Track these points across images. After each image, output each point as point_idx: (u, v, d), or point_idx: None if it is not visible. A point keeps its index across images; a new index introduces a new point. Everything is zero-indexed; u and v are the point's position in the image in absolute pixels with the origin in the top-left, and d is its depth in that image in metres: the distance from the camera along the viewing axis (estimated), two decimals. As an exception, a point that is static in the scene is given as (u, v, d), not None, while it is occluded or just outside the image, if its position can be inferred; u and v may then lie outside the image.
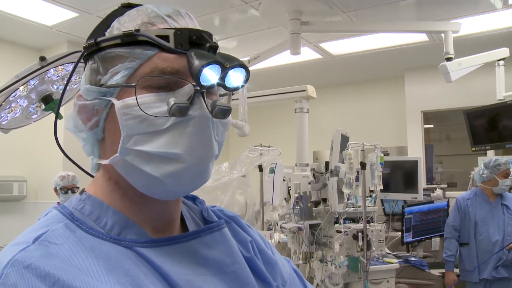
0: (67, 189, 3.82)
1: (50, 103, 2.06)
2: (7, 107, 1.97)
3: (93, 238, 0.66)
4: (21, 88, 1.91)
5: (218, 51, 0.72)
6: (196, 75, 0.66)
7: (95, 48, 0.72)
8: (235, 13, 4.64)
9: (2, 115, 2.01)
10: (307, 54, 5.90)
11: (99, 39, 0.72)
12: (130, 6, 0.77)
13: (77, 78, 2.18)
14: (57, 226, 0.66)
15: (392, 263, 3.81)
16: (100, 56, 0.72)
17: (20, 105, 2.04)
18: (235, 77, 0.71)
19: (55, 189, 3.85)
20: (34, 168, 5.65)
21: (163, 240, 0.72)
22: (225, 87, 0.71)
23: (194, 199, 0.90)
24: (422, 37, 5.44)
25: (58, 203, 3.92)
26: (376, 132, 7.00)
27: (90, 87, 0.72)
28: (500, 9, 4.44)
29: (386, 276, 3.65)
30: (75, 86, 2.23)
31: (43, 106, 2.08)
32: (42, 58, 1.88)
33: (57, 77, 2.04)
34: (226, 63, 0.68)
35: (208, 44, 0.70)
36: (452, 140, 8.46)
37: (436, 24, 3.98)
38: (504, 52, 3.85)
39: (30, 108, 2.11)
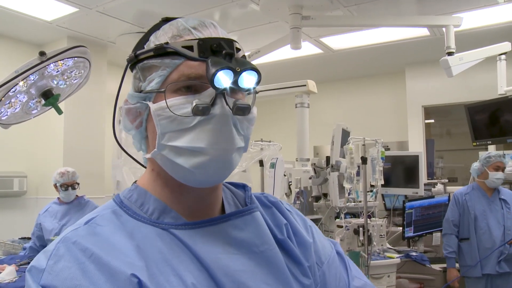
0: (67, 185, 3.80)
1: (50, 98, 2.05)
2: (7, 102, 1.96)
3: (136, 222, 0.79)
4: (21, 83, 1.90)
5: (236, 56, 0.81)
6: (210, 80, 0.75)
7: (136, 60, 0.85)
8: (236, 8, 4.62)
9: (2, 111, 2.00)
10: (307, 48, 5.88)
11: (138, 52, 0.84)
12: (167, 20, 0.88)
13: (77, 73, 2.18)
14: (105, 212, 0.80)
15: (393, 258, 3.81)
16: (139, 67, 0.85)
17: (20, 100, 2.04)
18: (247, 80, 0.79)
19: (55, 186, 3.84)
20: (34, 164, 5.65)
21: (196, 223, 0.82)
22: (239, 88, 0.80)
23: (243, 187, 0.99)
24: (423, 32, 5.42)
25: (58, 198, 3.92)
26: (377, 127, 6.99)
27: (133, 93, 0.85)
28: (502, 3, 4.42)
29: (387, 271, 3.66)
30: (75, 81, 2.22)
31: (43, 101, 2.07)
32: (42, 53, 1.87)
33: (57, 72, 2.04)
34: (238, 68, 0.77)
35: (224, 51, 0.79)
36: (453, 135, 8.45)
37: (437, 18, 3.96)
38: (505, 46, 3.83)
39: (30, 103, 2.10)
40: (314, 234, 0.98)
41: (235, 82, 0.78)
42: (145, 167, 0.93)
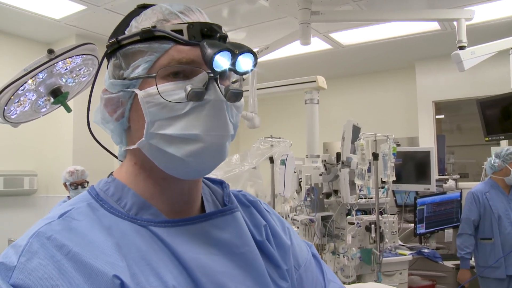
0: (77, 184, 3.82)
1: (59, 96, 2.04)
2: (16, 100, 1.96)
3: (113, 217, 0.75)
4: (30, 81, 1.90)
5: (227, 41, 0.79)
6: (209, 62, 0.73)
7: (117, 46, 0.80)
8: (244, 4, 4.59)
9: (11, 109, 1.99)
10: (317, 44, 5.84)
11: (120, 37, 0.80)
12: (145, 7, 0.84)
13: (85, 71, 2.17)
14: (81, 205, 0.76)
15: (405, 255, 3.78)
16: (122, 53, 0.80)
17: (29, 99, 2.03)
18: (244, 62, 0.78)
19: (65, 184, 3.85)
20: (44, 163, 5.67)
21: (176, 221, 0.79)
22: (236, 72, 0.78)
23: (221, 183, 0.95)
24: (434, 26, 5.36)
25: (68, 197, 3.93)
26: (387, 122, 6.94)
27: (114, 81, 0.80)
28: (514, -5, 4.36)
29: (399, 268, 3.63)
30: (84, 79, 2.21)
31: (52, 100, 2.07)
32: (50, 51, 1.86)
33: (65, 70, 2.03)
34: (236, 50, 0.75)
35: (218, 35, 0.78)
36: (464, 130, 8.37)
37: (448, 12, 3.90)
38: (518, 39, 3.77)
39: (39, 102, 2.09)
40: (292, 236, 0.97)
41: (233, 64, 0.76)
42: (120, 160, 0.89)
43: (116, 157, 0.92)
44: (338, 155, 3.72)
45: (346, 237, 3.32)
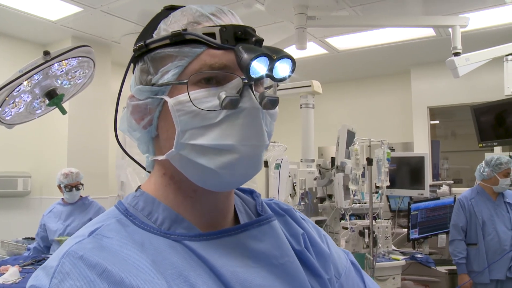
0: (71, 186, 3.79)
1: (54, 98, 2.04)
2: (11, 102, 1.95)
3: (144, 232, 0.71)
4: (25, 83, 1.89)
5: (263, 45, 0.75)
6: (245, 68, 0.68)
7: (145, 50, 0.76)
8: (241, 8, 4.61)
9: (6, 110, 1.99)
10: (313, 49, 5.87)
11: (148, 41, 0.75)
12: (173, 8, 0.80)
13: (81, 73, 2.17)
14: (110, 221, 0.71)
15: (398, 259, 3.78)
16: (150, 57, 0.75)
17: (24, 100, 2.03)
18: (282, 68, 0.73)
19: (59, 186, 3.84)
20: (38, 164, 5.66)
21: (211, 234, 0.74)
22: (273, 78, 0.73)
23: (251, 193, 0.91)
24: (429, 32, 5.39)
25: (62, 199, 3.91)
26: (382, 127, 6.96)
27: (142, 87, 0.75)
28: (510, 3, 4.39)
29: (392, 273, 3.63)
30: (79, 81, 2.21)
31: (47, 101, 2.06)
32: (46, 53, 1.86)
33: (61, 72, 2.03)
34: (273, 55, 0.70)
35: (253, 38, 0.73)
36: (458, 136, 8.41)
37: (444, 19, 3.93)
38: (513, 47, 3.80)
39: (34, 103, 2.09)
40: (329, 244, 0.92)
41: (270, 70, 0.71)
42: (148, 172, 0.85)
43: (144, 168, 0.88)
44: (333, 159, 3.73)
45: (340, 242, 3.32)
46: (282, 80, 0.74)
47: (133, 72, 0.80)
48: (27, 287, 0.63)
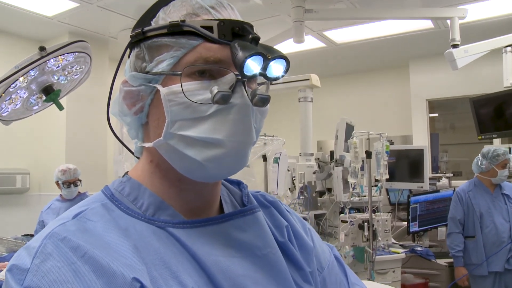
0: (69, 183, 3.79)
1: (51, 94, 2.03)
2: (7, 98, 1.94)
3: (129, 218, 0.72)
4: (21, 79, 1.88)
5: (259, 43, 0.75)
6: (240, 66, 0.69)
7: (142, 37, 0.76)
8: (237, 1, 4.58)
9: (2, 107, 1.98)
10: (310, 42, 5.84)
11: (146, 28, 0.76)
12: None
13: (77, 68, 2.15)
14: (95, 205, 0.72)
15: (398, 253, 3.79)
16: (146, 45, 0.76)
17: (20, 96, 2.02)
18: (276, 68, 0.74)
19: (57, 183, 3.83)
20: (37, 161, 5.65)
21: (195, 221, 0.75)
22: (266, 77, 0.74)
23: (238, 184, 0.92)
24: (428, 24, 5.37)
25: (61, 195, 3.91)
26: (381, 121, 6.95)
27: (136, 74, 0.76)
28: (507, -6, 4.37)
29: (392, 266, 3.64)
30: (76, 76, 2.19)
31: (43, 97, 2.05)
32: (42, 48, 1.84)
33: (57, 67, 2.01)
34: (268, 55, 0.71)
35: (250, 36, 0.74)
36: (457, 129, 8.40)
37: (442, 10, 3.91)
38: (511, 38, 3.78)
39: (30, 99, 2.08)
40: (314, 237, 0.93)
41: (264, 69, 0.72)
42: (137, 157, 0.86)
43: (132, 153, 0.89)
44: (332, 153, 3.73)
45: (339, 235, 3.32)
46: (275, 79, 0.75)
47: (128, 57, 0.80)
48: (8, 266, 0.64)
